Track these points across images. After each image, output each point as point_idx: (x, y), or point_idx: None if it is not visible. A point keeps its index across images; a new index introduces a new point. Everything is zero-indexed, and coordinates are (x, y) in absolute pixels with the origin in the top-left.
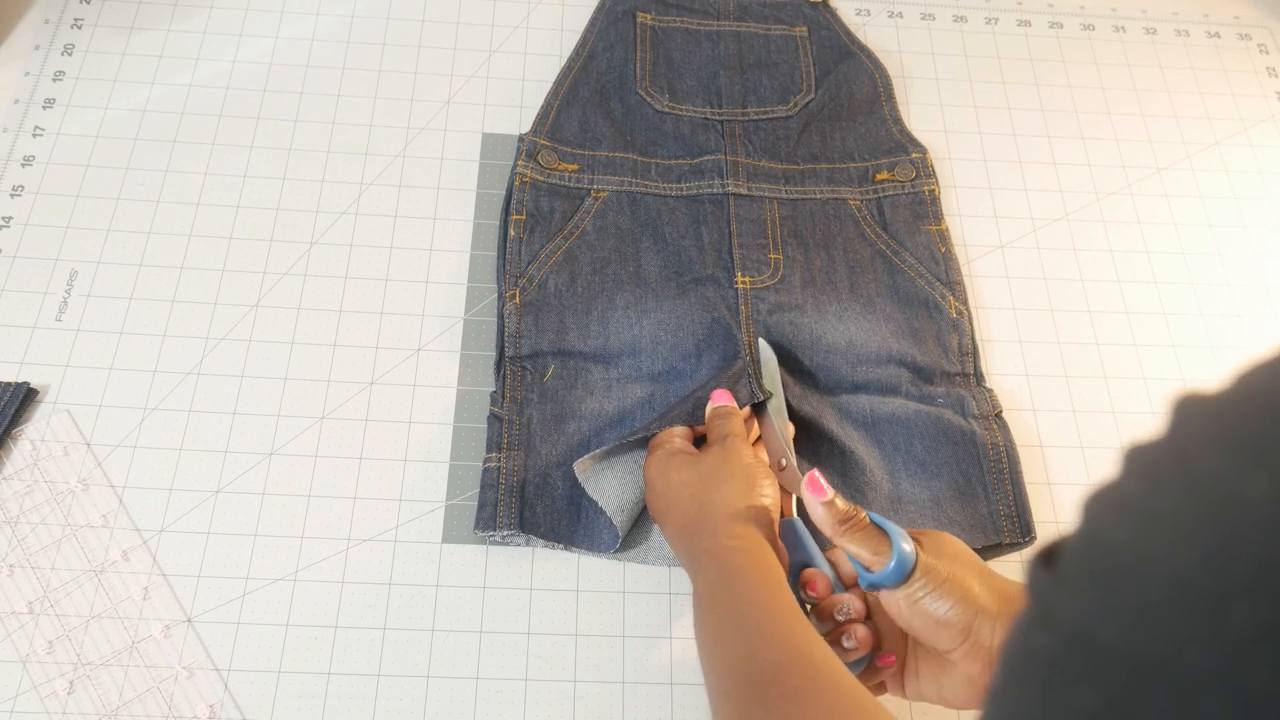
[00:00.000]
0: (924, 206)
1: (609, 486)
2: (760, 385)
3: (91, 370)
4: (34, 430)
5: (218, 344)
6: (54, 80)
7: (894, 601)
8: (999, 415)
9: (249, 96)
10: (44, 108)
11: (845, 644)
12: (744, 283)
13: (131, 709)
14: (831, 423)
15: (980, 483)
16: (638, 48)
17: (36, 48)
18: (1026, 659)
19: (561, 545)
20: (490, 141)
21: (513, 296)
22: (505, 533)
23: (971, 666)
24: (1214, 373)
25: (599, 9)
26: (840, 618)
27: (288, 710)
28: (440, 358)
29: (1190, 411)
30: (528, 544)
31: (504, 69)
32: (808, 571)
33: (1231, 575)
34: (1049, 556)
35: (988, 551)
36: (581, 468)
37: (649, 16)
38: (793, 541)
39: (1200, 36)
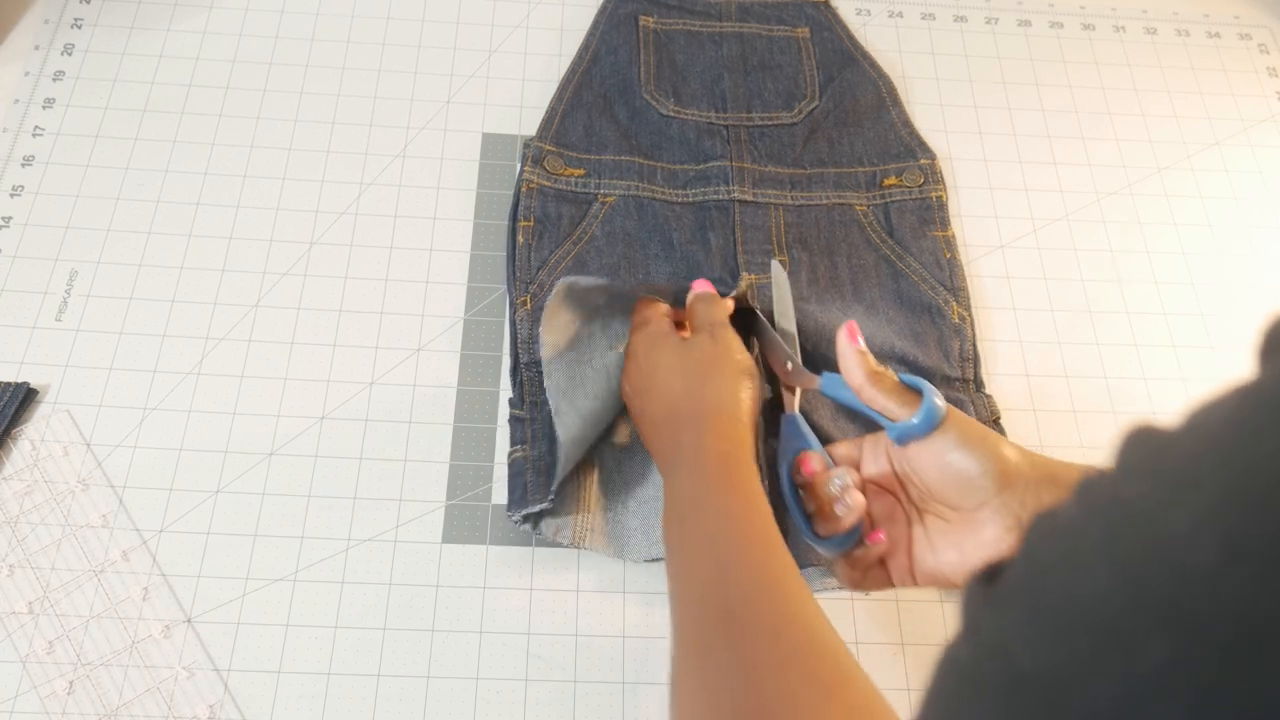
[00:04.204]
0: (930, 212)
1: (558, 377)
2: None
3: (91, 370)
4: (34, 430)
5: (218, 344)
6: (54, 80)
7: (922, 455)
8: (997, 421)
9: (249, 97)
10: (44, 108)
11: (838, 511)
12: (750, 280)
13: (131, 709)
14: (825, 419)
15: None
16: (640, 51)
17: (36, 48)
18: (949, 670)
19: (588, 531)
20: (490, 141)
21: (523, 303)
22: (538, 507)
23: (998, 526)
24: (1214, 373)
25: (600, 12)
26: (834, 490)
27: (288, 710)
28: (440, 358)
29: (1136, 442)
30: (555, 535)
31: (504, 69)
32: (804, 454)
33: (1144, 609)
34: (991, 575)
35: None
36: (557, 293)
37: (651, 20)
38: (792, 436)
39: (1200, 36)
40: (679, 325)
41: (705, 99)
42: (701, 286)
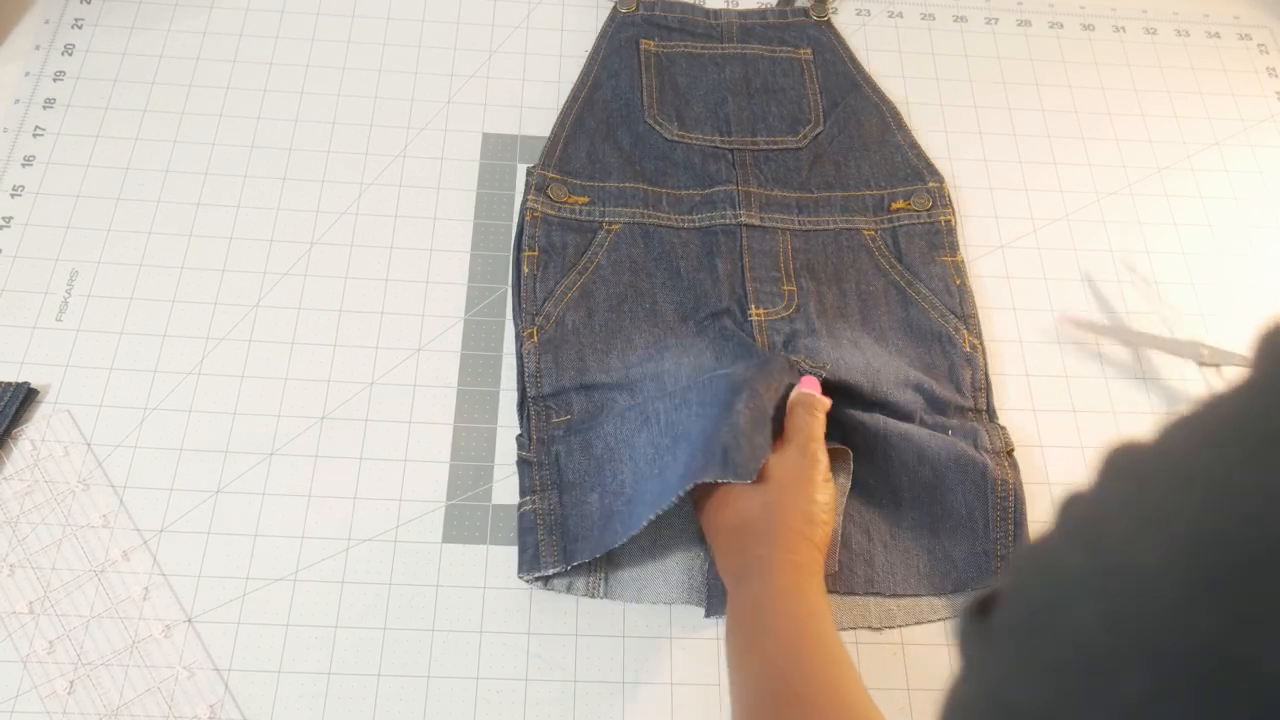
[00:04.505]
0: (939, 237)
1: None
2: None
3: (91, 370)
4: (34, 430)
5: (218, 344)
6: (54, 80)
7: None
8: (1010, 453)
9: (249, 97)
10: (44, 108)
11: None
12: (759, 315)
13: (131, 709)
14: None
15: (983, 517)
16: (642, 75)
17: (36, 48)
18: (955, 712)
19: (602, 579)
20: (490, 141)
21: (530, 335)
22: (551, 572)
23: None
24: (1214, 372)
25: (601, 37)
26: None
27: (288, 710)
28: (440, 358)
29: (1116, 467)
30: (568, 590)
31: (504, 69)
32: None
33: (1124, 643)
34: (983, 606)
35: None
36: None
37: (652, 43)
38: None
39: (1200, 36)
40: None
41: (709, 122)
42: (809, 385)
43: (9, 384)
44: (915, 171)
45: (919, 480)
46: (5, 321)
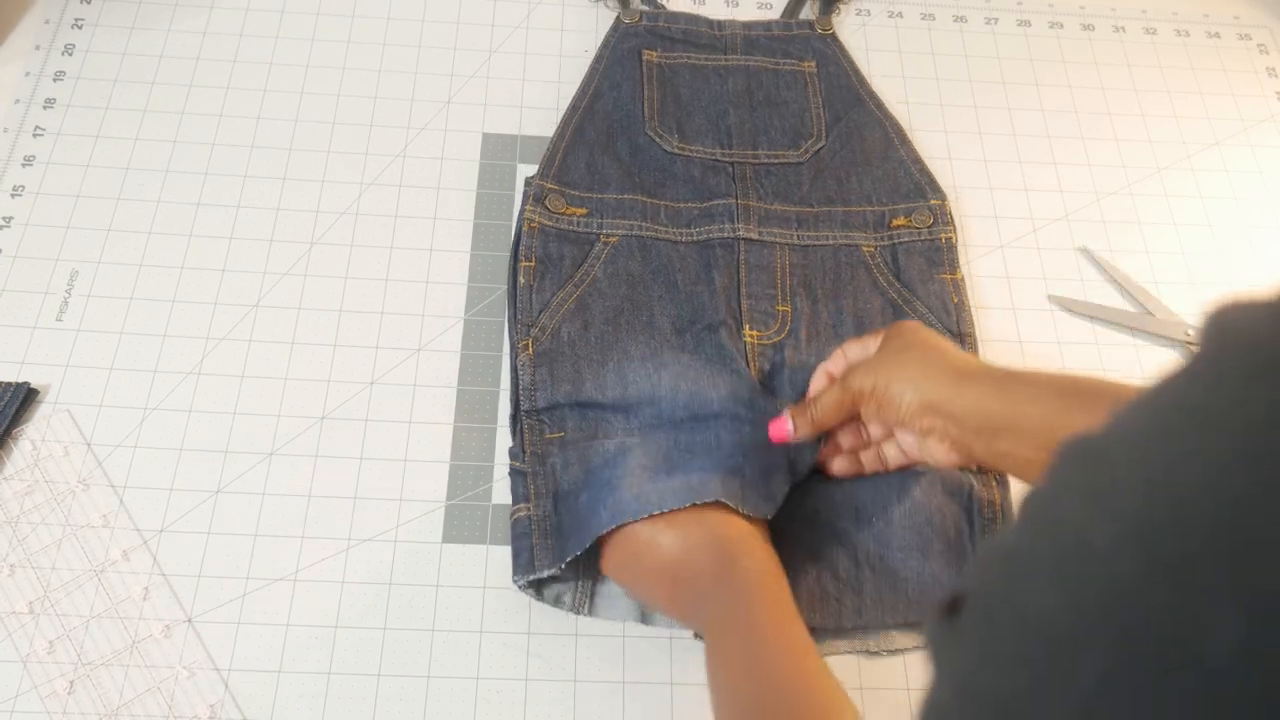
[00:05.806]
0: (939, 254)
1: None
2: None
3: (91, 370)
4: (34, 430)
5: (218, 344)
6: (54, 80)
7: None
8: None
9: (249, 97)
10: (44, 108)
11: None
12: (751, 336)
13: (131, 709)
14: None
15: (971, 540)
16: (644, 87)
17: (36, 48)
18: (931, 712)
19: (588, 596)
20: (490, 141)
21: (525, 347)
22: (546, 573)
23: (938, 440)
24: None
25: (603, 47)
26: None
27: (288, 710)
28: (440, 358)
29: (1069, 455)
30: (556, 603)
31: (504, 69)
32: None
33: (1082, 624)
34: (952, 607)
35: None
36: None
37: (655, 54)
38: None
39: (1200, 36)
40: None
41: (710, 135)
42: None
43: (9, 384)
44: (918, 188)
45: (905, 505)
46: (5, 321)
